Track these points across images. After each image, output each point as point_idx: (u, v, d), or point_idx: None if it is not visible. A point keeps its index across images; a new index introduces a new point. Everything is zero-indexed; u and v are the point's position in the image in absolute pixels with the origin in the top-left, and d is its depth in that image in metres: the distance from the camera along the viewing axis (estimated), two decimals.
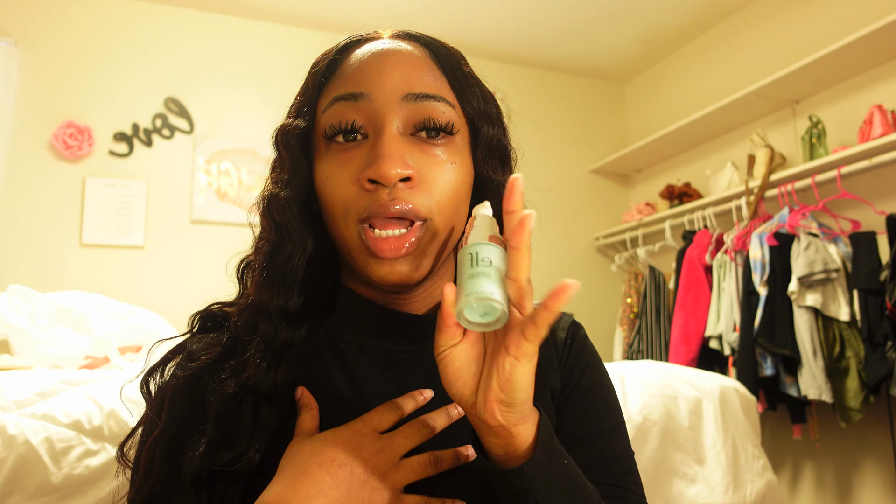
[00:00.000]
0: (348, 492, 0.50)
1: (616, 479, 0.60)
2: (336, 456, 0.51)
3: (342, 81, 0.58)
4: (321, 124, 0.58)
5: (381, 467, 0.52)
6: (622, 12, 3.14)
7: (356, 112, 0.55)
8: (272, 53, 3.16)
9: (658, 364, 1.68)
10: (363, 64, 0.58)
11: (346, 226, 0.55)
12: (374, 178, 0.53)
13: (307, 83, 0.62)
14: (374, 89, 0.56)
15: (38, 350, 1.60)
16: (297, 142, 0.59)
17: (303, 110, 0.60)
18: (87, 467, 0.96)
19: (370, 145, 0.55)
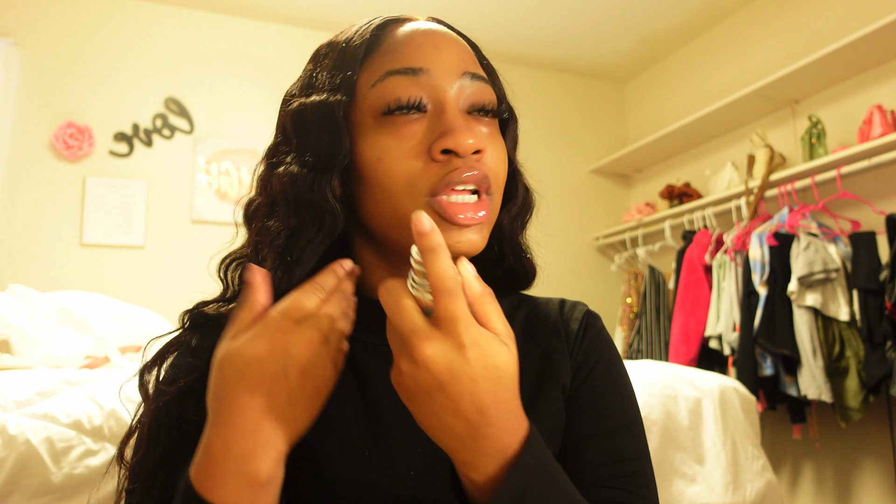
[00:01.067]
0: (290, 397, 0.48)
1: (624, 481, 0.57)
2: (265, 371, 0.48)
3: (393, 56, 0.56)
4: (369, 98, 0.55)
5: (314, 356, 0.49)
6: (622, 12, 3.14)
7: (416, 87, 0.54)
8: (272, 53, 3.17)
9: (658, 364, 1.68)
10: (416, 40, 0.57)
11: (409, 199, 0.53)
12: (451, 147, 0.52)
13: (343, 55, 0.58)
14: (433, 65, 0.55)
15: (39, 350, 1.60)
16: (342, 116, 0.56)
17: (340, 85, 0.57)
18: (87, 467, 0.96)
19: (431, 119, 0.54)
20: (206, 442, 0.49)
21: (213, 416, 0.49)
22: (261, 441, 0.48)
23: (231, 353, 0.49)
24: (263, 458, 0.47)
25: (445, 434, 0.44)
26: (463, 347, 0.43)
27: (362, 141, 0.56)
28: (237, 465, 0.47)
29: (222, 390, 0.49)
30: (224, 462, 0.47)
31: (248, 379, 0.48)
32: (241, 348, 0.49)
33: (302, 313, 0.50)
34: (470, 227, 0.53)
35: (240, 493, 0.47)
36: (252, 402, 0.48)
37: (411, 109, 0.54)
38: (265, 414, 0.48)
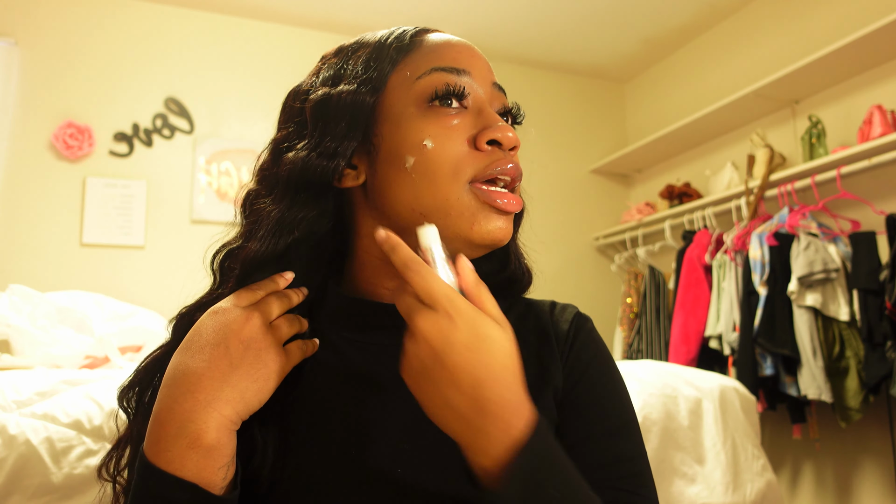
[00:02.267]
0: (231, 363, 0.51)
1: (624, 481, 0.58)
2: (207, 340, 0.52)
3: (436, 56, 0.60)
4: (413, 90, 0.58)
5: (254, 332, 0.53)
6: (622, 12, 3.14)
7: (462, 83, 0.59)
8: (272, 53, 3.17)
9: (658, 364, 1.68)
10: (456, 46, 0.62)
11: (454, 183, 0.56)
12: (497, 138, 0.57)
13: (377, 51, 0.61)
14: (472, 69, 0.60)
15: (39, 350, 1.60)
16: (370, 106, 0.58)
17: (371, 79, 0.59)
18: (87, 467, 0.96)
19: (473, 115, 0.58)
20: (155, 407, 0.51)
21: (162, 383, 0.52)
22: (201, 400, 0.50)
23: (185, 340, 0.54)
24: (205, 418, 0.49)
25: (450, 414, 0.45)
26: (451, 317, 0.45)
27: (401, 129, 0.57)
28: (179, 425, 0.49)
29: (172, 359, 0.53)
30: (167, 423, 0.49)
31: (192, 346, 0.52)
32: (193, 327, 0.54)
33: (242, 301, 0.55)
34: (507, 214, 0.57)
35: (184, 457, 0.48)
36: (193, 364, 0.51)
37: (456, 99, 0.58)
38: (205, 375, 0.50)
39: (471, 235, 0.56)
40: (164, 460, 0.48)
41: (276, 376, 0.54)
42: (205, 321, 0.54)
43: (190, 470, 0.48)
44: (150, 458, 0.49)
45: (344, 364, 0.60)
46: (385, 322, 0.61)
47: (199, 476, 0.48)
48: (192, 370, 0.51)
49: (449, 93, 0.57)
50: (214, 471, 0.49)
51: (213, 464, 0.49)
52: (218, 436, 0.49)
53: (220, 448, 0.49)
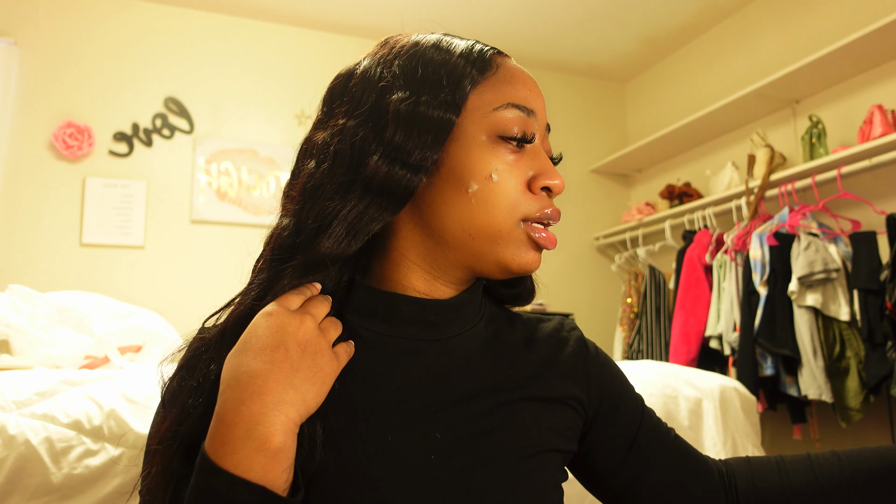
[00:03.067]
0: (292, 366, 0.52)
1: (672, 430, 0.71)
2: (266, 343, 0.53)
3: (512, 89, 0.62)
4: (489, 120, 0.60)
5: (310, 334, 0.54)
6: (622, 12, 3.14)
7: (531, 126, 0.62)
8: (272, 53, 3.17)
9: (658, 364, 1.68)
10: (527, 82, 0.64)
11: (509, 217, 0.60)
12: (551, 187, 0.62)
13: (454, 68, 0.61)
14: (538, 110, 0.63)
15: (39, 350, 1.60)
16: (449, 129, 0.60)
17: (449, 100, 0.60)
18: (87, 467, 0.96)
19: (530, 156, 0.62)
20: (218, 408, 0.51)
21: (223, 384, 0.52)
22: (269, 402, 0.50)
23: (238, 344, 0.54)
24: (273, 421, 0.50)
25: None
26: None
27: (470, 152, 0.60)
28: (247, 427, 0.49)
29: (230, 360, 0.53)
30: (234, 425, 0.49)
31: (251, 348, 0.52)
32: (248, 328, 0.54)
33: (291, 305, 0.56)
34: (543, 249, 0.63)
35: (252, 459, 0.48)
36: (256, 366, 0.51)
37: (522, 143, 0.61)
38: (270, 377, 0.51)
39: (509, 264, 0.61)
40: (231, 463, 0.48)
41: (331, 379, 0.55)
42: (260, 323, 0.54)
43: (257, 472, 0.48)
44: (216, 460, 0.49)
45: (374, 356, 0.61)
46: (416, 316, 0.63)
47: (265, 478, 0.49)
48: (256, 372, 0.51)
49: (523, 138, 0.61)
50: (279, 473, 0.50)
51: (278, 466, 0.49)
52: (284, 438, 0.50)
53: (286, 451, 0.50)
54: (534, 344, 0.69)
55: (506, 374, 0.64)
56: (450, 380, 0.61)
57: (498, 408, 0.61)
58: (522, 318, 0.72)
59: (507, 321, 0.71)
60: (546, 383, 0.65)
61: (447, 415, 0.59)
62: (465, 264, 0.62)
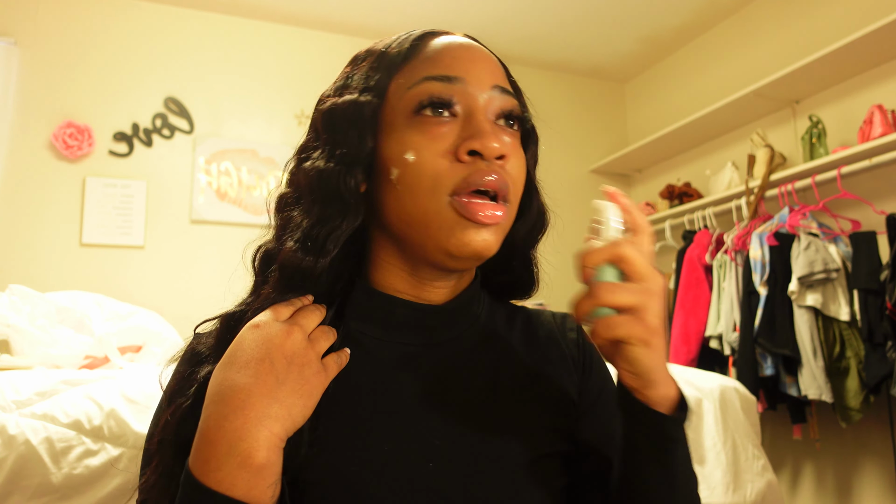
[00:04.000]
0: (277, 379, 0.51)
1: None
2: (251, 356, 0.51)
3: (430, 64, 0.59)
4: (404, 100, 0.58)
5: (297, 346, 0.53)
6: (622, 12, 3.14)
7: (450, 91, 0.57)
8: (272, 53, 3.17)
9: None
10: (453, 51, 0.60)
11: (433, 197, 0.56)
12: (477, 149, 0.55)
13: (379, 60, 0.62)
14: (467, 75, 0.59)
15: (38, 350, 1.60)
16: (370, 116, 0.59)
17: (372, 87, 0.60)
18: (87, 467, 0.95)
19: (461, 124, 0.57)
20: (201, 424, 0.50)
21: (207, 399, 0.51)
22: (252, 417, 0.49)
23: (226, 355, 0.53)
24: (256, 436, 0.48)
25: (662, 356, 0.54)
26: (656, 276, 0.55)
27: (391, 139, 0.58)
28: (230, 443, 0.48)
29: (216, 374, 0.52)
30: (217, 441, 0.48)
31: (236, 362, 0.51)
32: (234, 341, 0.53)
33: (281, 316, 0.55)
34: (488, 226, 0.56)
35: (235, 475, 0.48)
36: (240, 380, 0.50)
37: (443, 109, 0.57)
38: (254, 391, 0.50)
39: (448, 247, 0.56)
40: (215, 480, 0.47)
41: (318, 391, 0.53)
42: (246, 336, 0.53)
43: (240, 489, 0.47)
44: (199, 478, 0.48)
45: (370, 363, 0.60)
46: (412, 321, 0.62)
47: (250, 495, 0.48)
48: (239, 386, 0.50)
49: (434, 103, 0.57)
50: (264, 489, 0.48)
51: (262, 482, 0.48)
52: (268, 454, 0.49)
53: (270, 466, 0.49)
54: (535, 342, 0.67)
55: (505, 376, 0.63)
56: (447, 385, 0.60)
57: (497, 411, 0.60)
58: (524, 314, 0.70)
59: (508, 318, 0.69)
60: (548, 383, 0.64)
61: (445, 421, 0.58)
62: (423, 258, 0.59)
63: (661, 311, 0.52)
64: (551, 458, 0.60)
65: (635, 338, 0.51)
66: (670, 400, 0.54)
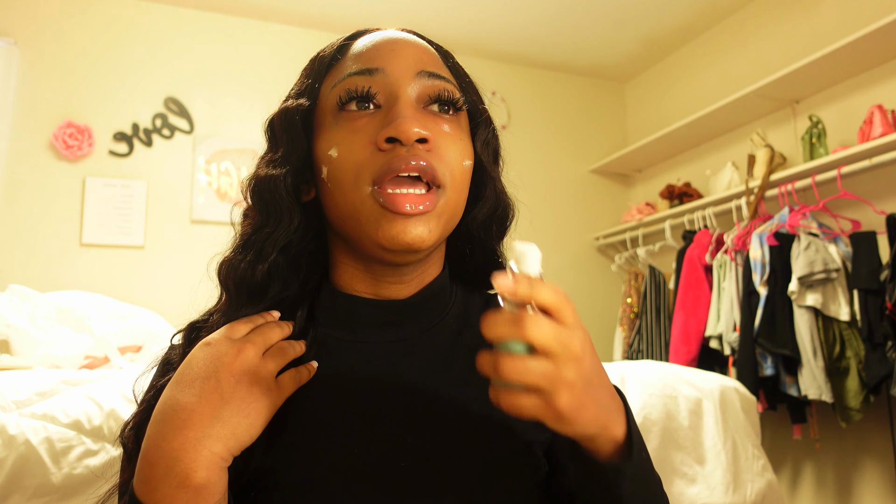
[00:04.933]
0: (222, 398, 0.50)
1: None
2: (197, 374, 0.51)
3: (353, 60, 0.60)
4: (329, 99, 0.59)
5: (246, 364, 0.52)
6: (622, 12, 3.14)
7: (369, 83, 0.57)
8: (272, 53, 3.16)
9: (658, 364, 1.68)
10: (375, 45, 0.60)
11: (356, 189, 0.55)
12: (393, 135, 0.54)
13: (310, 67, 0.64)
14: (388, 65, 0.58)
15: (38, 350, 1.60)
16: (299, 119, 0.60)
17: (304, 92, 0.62)
18: (87, 467, 0.96)
19: (384, 114, 0.56)
20: (144, 443, 0.50)
21: (151, 417, 0.51)
22: (190, 437, 0.48)
23: (177, 371, 0.53)
24: (194, 457, 0.48)
25: (600, 409, 0.47)
26: (581, 328, 0.46)
27: (321, 139, 0.59)
28: (167, 464, 0.48)
29: (165, 392, 0.52)
30: (155, 462, 0.48)
31: (183, 380, 0.51)
32: (186, 358, 0.53)
33: (235, 333, 0.54)
34: (414, 216, 0.54)
35: (174, 496, 0.47)
36: (183, 399, 0.50)
37: (363, 102, 0.57)
38: (195, 411, 0.49)
39: (380, 241, 0.54)
40: (153, 500, 0.47)
41: (267, 410, 0.52)
42: (196, 354, 0.53)
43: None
44: (140, 498, 0.48)
45: (338, 366, 0.60)
46: (376, 318, 0.61)
47: None
48: (181, 405, 0.49)
49: (351, 97, 0.56)
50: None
51: (202, 502, 0.48)
52: (208, 475, 0.48)
53: (210, 486, 0.48)
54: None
55: (474, 371, 0.61)
56: (418, 381, 0.59)
57: (471, 405, 0.59)
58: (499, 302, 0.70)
59: (484, 307, 0.67)
60: None
61: (417, 418, 0.57)
62: (365, 254, 0.58)
63: (580, 372, 0.44)
64: (530, 447, 0.59)
65: (545, 419, 0.44)
66: (614, 442, 0.49)
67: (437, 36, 0.65)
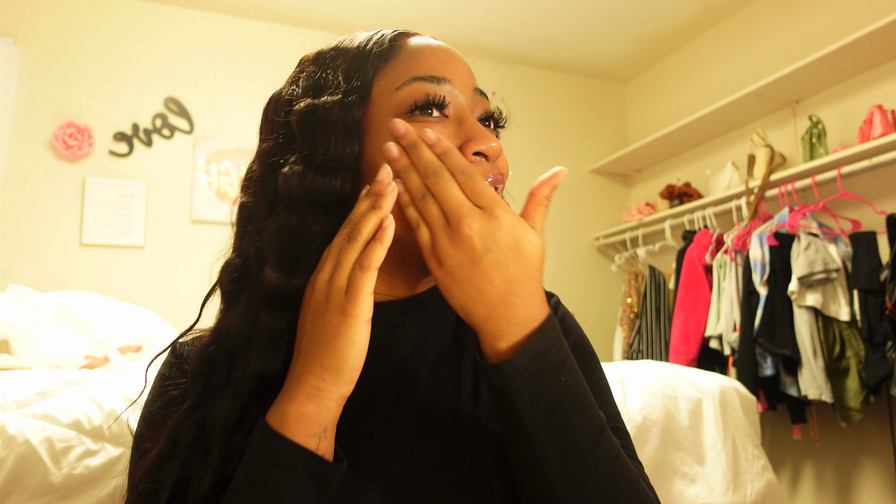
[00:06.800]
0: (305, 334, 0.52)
1: (615, 432, 0.62)
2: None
3: (416, 63, 0.59)
4: (393, 100, 0.57)
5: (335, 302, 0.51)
6: (622, 12, 3.14)
7: (443, 93, 0.58)
8: (272, 53, 3.16)
9: (658, 364, 1.68)
10: (436, 53, 0.60)
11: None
12: (484, 151, 0.56)
13: (357, 59, 0.60)
14: (453, 77, 0.59)
15: (38, 350, 1.60)
16: (358, 118, 0.57)
17: (355, 87, 0.58)
18: (87, 467, 0.95)
19: (454, 125, 0.57)
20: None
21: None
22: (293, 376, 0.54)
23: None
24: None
25: (480, 303, 0.50)
26: (498, 219, 0.50)
27: (379, 140, 0.56)
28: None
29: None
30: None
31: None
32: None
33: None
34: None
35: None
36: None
37: (433, 109, 0.57)
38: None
39: None
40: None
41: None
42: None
43: None
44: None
45: None
46: (377, 320, 0.60)
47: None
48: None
49: (429, 103, 0.56)
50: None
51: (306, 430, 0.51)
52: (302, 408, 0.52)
53: (307, 417, 0.52)
54: None
55: (475, 370, 0.61)
56: (419, 383, 0.59)
57: (470, 408, 0.59)
58: None
59: None
60: None
61: (416, 421, 0.57)
62: (407, 256, 0.57)
63: (467, 252, 0.49)
64: None
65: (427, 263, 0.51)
66: (497, 345, 0.51)
67: (437, 35, 0.65)
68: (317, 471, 0.49)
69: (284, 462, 0.49)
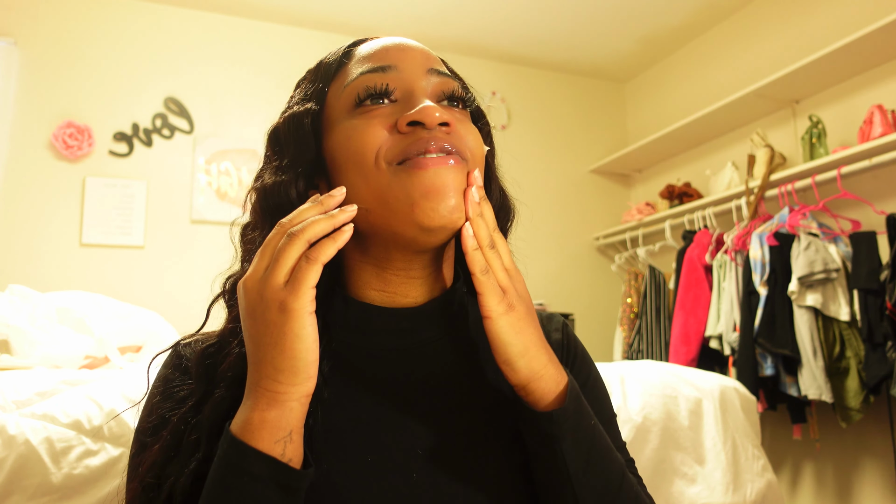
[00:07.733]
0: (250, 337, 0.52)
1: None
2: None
3: (362, 61, 0.60)
4: (341, 99, 0.59)
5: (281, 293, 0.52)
6: (622, 12, 3.14)
7: (388, 80, 0.58)
8: (272, 53, 3.17)
9: (658, 364, 1.68)
10: (384, 46, 0.61)
11: (377, 172, 0.54)
12: (417, 118, 0.55)
13: (314, 74, 0.64)
14: (400, 63, 0.59)
15: (38, 350, 1.60)
16: (309, 122, 0.60)
17: (310, 96, 0.62)
18: (87, 467, 0.95)
19: (401, 105, 0.57)
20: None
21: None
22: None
23: None
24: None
25: (543, 348, 0.56)
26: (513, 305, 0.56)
27: (333, 135, 0.59)
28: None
29: None
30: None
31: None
32: None
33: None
34: (443, 166, 0.54)
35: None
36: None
37: (381, 97, 0.58)
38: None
39: (417, 216, 0.53)
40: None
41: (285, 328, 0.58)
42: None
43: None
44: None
45: (352, 372, 0.60)
46: (388, 326, 0.61)
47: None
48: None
49: (370, 92, 0.57)
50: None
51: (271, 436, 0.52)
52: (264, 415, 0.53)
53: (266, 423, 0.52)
54: None
55: (490, 378, 0.62)
56: (431, 390, 0.59)
57: (482, 417, 0.59)
58: None
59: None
60: None
61: (429, 429, 0.57)
62: (393, 241, 0.57)
63: (522, 301, 0.56)
64: None
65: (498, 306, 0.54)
66: (547, 393, 0.55)
67: (438, 36, 0.66)
68: (282, 479, 0.49)
69: (248, 471, 0.48)
